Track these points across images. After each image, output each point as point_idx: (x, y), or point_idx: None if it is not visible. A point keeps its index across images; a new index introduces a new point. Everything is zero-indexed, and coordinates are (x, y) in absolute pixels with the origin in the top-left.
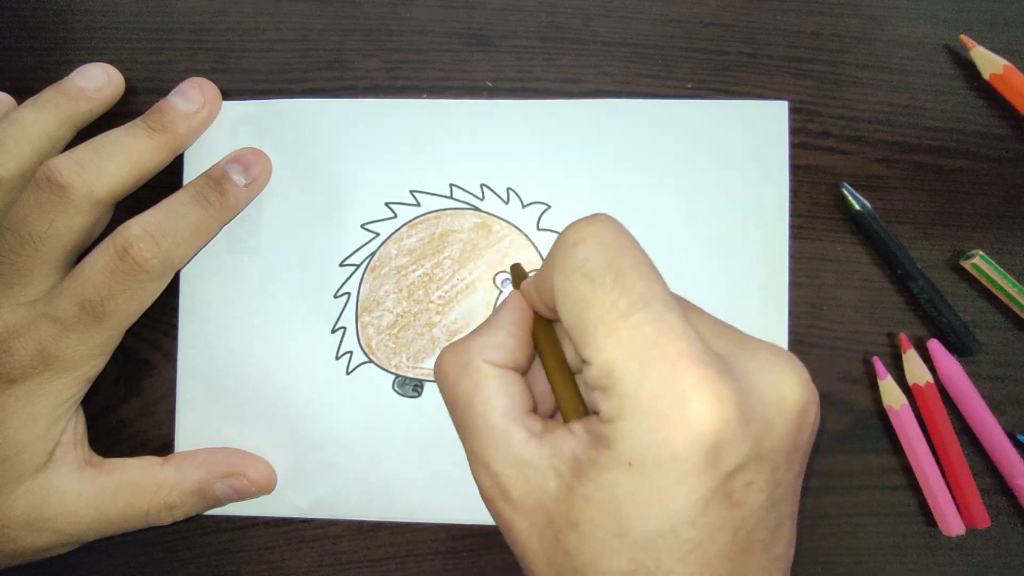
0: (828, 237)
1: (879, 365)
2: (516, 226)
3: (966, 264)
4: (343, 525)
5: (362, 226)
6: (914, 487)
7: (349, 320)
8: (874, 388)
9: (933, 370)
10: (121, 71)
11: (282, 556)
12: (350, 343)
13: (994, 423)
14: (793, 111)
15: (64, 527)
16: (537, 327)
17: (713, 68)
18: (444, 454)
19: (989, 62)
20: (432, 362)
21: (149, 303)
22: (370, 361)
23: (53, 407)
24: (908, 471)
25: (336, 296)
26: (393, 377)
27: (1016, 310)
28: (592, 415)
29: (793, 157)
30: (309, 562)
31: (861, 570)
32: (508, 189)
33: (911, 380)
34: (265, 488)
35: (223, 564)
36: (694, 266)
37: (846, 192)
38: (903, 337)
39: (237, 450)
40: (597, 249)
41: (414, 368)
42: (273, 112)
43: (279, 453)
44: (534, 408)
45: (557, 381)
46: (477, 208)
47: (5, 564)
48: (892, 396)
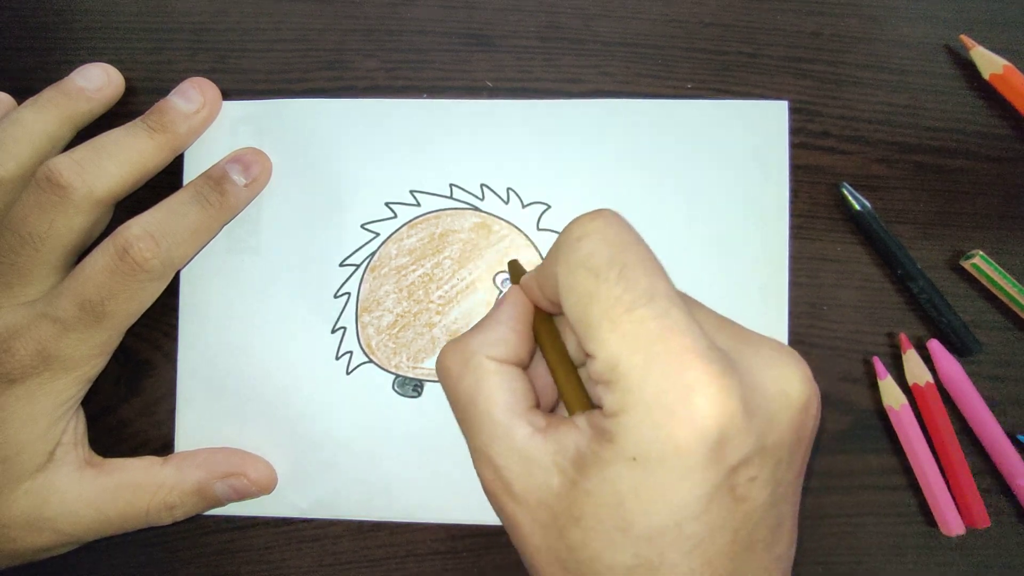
0: (828, 237)
1: (879, 365)
2: (516, 226)
3: (966, 264)
4: (343, 525)
5: (362, 226)
6: (914, 487)
7: (349, 320)
8: (874, 388)
9: (933, 370)
10: (121, 71)
11: (282, 556)
12: (350, 343)
13: (994, 423)
14: (793, 111)
15: (64, 527)
16: (538, 321)
17: (713, 68)
18: (444, 454)
19: (989, 62)
20: (432, 362)
21: (149, 303)
22: (370, 361)
23: (53, 407)
24: (908, 471)
25: (336, 296)
26: (393, 377)
27: (1016, 310)
28: (595, 409)
29: (793, 157)
30: (309, 562)
31: (861, 570)
32: (508, 189)
33: (911, 380)
34: (265, 488)
35: (223, 564)
36: (694, 266)
37: (846, 192)
38: (903, 337)
39: (237, 450)
40: (602, 244)
41: (414, 368)
42: (273, 112)
43: (279, 453)
44: (536, 403)
45: (560, 374)
46: (477, 208)
47: (5, 564)
48: (892, 396)
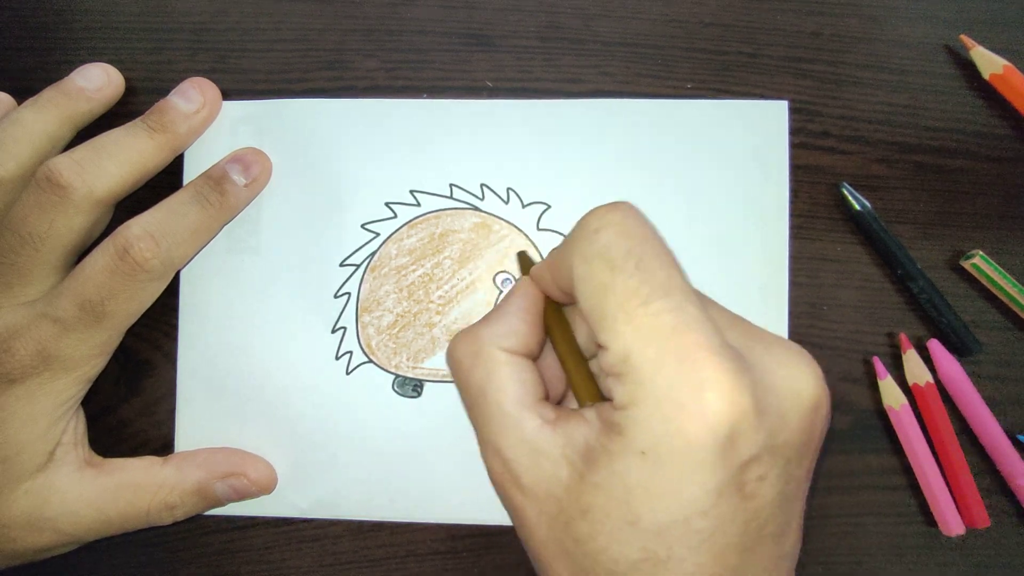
0: (828, 237)
1: (879, 365)
2: (516, 226)
3: (966, 264)
4: (343, 525)
5: (362, 226)
6: (914, 487)
7: (349, 320)
8: (874, 388)
9: (933, 370)
10: (121, 71)
11: (282, 556)
12: (350, 343)
13: (994, 423)
14: (793, 111)
15: (64, 527)
16: (548, 312)
17: (713, 68)
18: (444, 454)
19: (989, 62)
20: (432, 362)
21: (149, 303)
22: (370, 361)
23: (53, 407)
24: (908, 471)
25: (336, 296)
26: (393, 377)
27: (1016, 310)
28: (605, 402)
29: (793, 157)
30: (309, 562)
31: (861, 570)
32: (508, 189)
33: (911, 380)
34: (265, 488)
35: (223, 564)
36: (694, 266)
37: (846, 192)
38: (903, 337)
39: (237, 450)
40: (619, 236)
41: (414, 368)
42: (273, 112)
43: (279, 453)
44: (545, 395)
45: (570, 365)
46: (477, 208)
47: (5, 564)
48: (892, 396)
